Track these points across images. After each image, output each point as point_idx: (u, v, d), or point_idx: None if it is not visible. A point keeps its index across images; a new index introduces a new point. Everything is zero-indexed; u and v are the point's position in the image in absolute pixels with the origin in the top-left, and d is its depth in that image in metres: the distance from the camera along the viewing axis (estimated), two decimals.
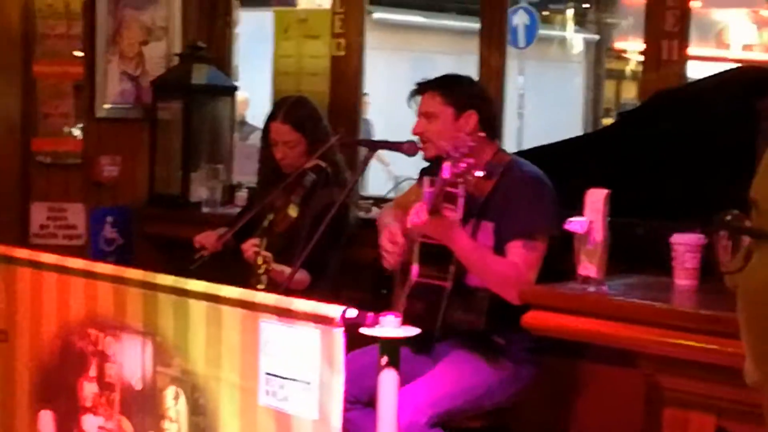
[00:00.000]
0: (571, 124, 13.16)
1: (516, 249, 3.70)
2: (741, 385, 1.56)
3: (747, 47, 14.99)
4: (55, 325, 3.73)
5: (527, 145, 5.33)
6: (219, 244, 4.39)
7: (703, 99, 4.08)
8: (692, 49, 4.44)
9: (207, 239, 4.53)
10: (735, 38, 15.01)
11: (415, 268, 3.77)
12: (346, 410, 3.16)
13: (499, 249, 3.74)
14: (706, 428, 3.16)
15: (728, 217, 3.14)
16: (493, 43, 4.96)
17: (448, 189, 3.45)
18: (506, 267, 3.68)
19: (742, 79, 4.11)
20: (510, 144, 10.99)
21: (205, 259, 4.41)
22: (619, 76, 16.58)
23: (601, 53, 16.57)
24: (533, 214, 3.72)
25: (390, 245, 3.84)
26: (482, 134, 3.83)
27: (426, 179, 3.64)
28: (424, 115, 3.90)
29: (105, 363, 3.58)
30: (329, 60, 5.41)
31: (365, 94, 5.65)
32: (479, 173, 3.42)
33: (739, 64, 11.18)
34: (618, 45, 16.19)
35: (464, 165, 3.34)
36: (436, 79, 3.98)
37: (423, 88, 3.94)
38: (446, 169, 3.36)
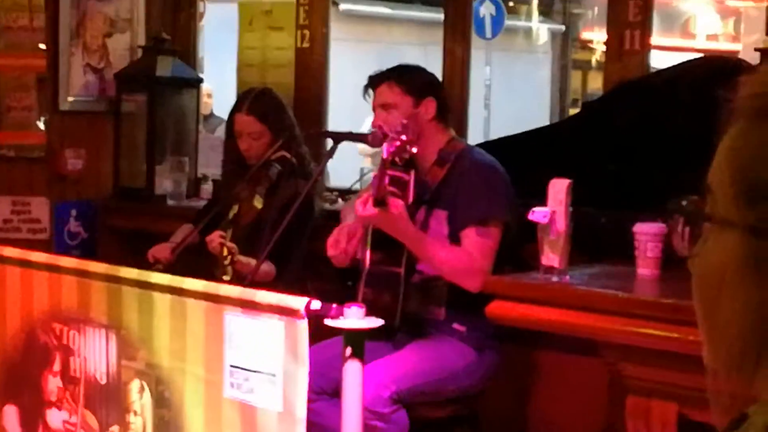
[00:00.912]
0: (539, 115, 13.18)
1: (470, 237, 3.72)
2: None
3: (712, 37, 15.06)
4: (18, 319, 3.72)
5: (494, 135, 5.34)
6: (173, 257, 4.35)
7: (665, 89, 4.10)
8: (658, 39, 4.47)
9: (161, 253, 4.46)
10: (700, 28, 15.08)
11: (367, 254, 3.80)
12: (311, 401, 3.18)
13: (454, 237, 3.76)
14: (668, 416, 3.19)
15: (684, 203, 3.18)
16: (458, 34, 4.97)
17: (398, 174, 3.50)
18: (459, 255, 3.70)
19: (705, 69, 4.14)
20: (477, 135, 11.00)
21: (161, 271, 4.35)
22: (585, 66, 16.62)
23: (567, 44, 16.62)
24: (486, 201, 3.74)
25: (330, 246, 3.84)
26: (437, 121, 3.87)
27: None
28: (381, 107, 3.91)
29: (69, 357, 3.57)
30: (294, 52, 5.40)
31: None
32: (414, 149, 3.50)
33: (703, 54, 11.25)
34: (584, 35, 16.24)
35: (398, 142, 3.42)
36: (390, 70, 3.99)
37: (378, 79, 3.95)
38: (385, 149, 3.44)
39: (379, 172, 3.49)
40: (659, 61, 5.45)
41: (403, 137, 3.47)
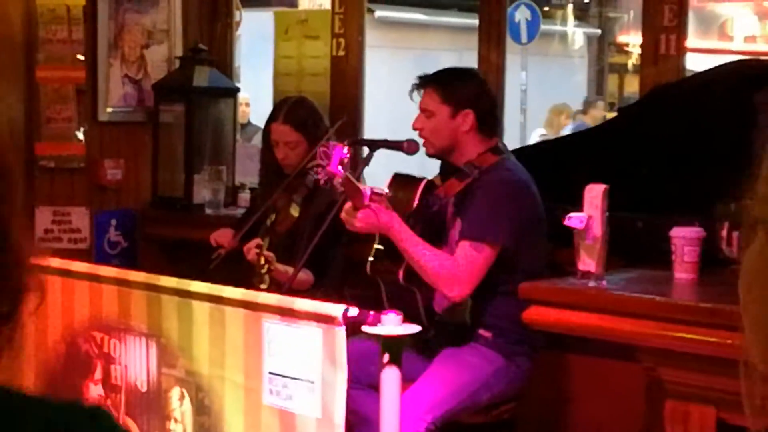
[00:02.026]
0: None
1: (463, 248, 3.69)
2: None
3: (749, 39, 14.95)
4: (60, 328, 3.76)
5: (531, 140, 5.35)
6: (235, 242, 4.38)
7: (701, 93, 4.09)
8: (694, 42, 4.44)
9: (223, 237, 4.52)
10: (738, 30, 14.98)
11: (400, 273, 3.84)
12: (349, 388, 3.18)
13: None
14: (706, 420, 3.18)
15: (732, 206, 3.18)
16: (492, 40, 4.97)
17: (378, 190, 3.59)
18: (444, 262, 3.69)
19: (740, 73, 4.13)
20: (513, 140, 10.98)
21: (222, 256, 4.39)
22: (621, 69, 16.57)
23: (603, 47, 16.58)
24: (486, 219, 3.70)
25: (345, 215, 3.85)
26: (476, 132, 3.87)
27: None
28: (422, 111, 3.92)
29: (110, 365, 3.61)
30: (329, 60, 5.42)
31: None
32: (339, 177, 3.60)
33: (740, 57, 11.17)
34: (620, 39, 16.18)
35: (323, 174, 3.61)
36: (437, 73, 3.97)
37: (423, 83, 3.95)
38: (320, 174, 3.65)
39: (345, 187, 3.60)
40: (696, 64, 5.44)
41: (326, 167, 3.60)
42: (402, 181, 4.03)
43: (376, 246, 3.94)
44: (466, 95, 3.89)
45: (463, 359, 3.79)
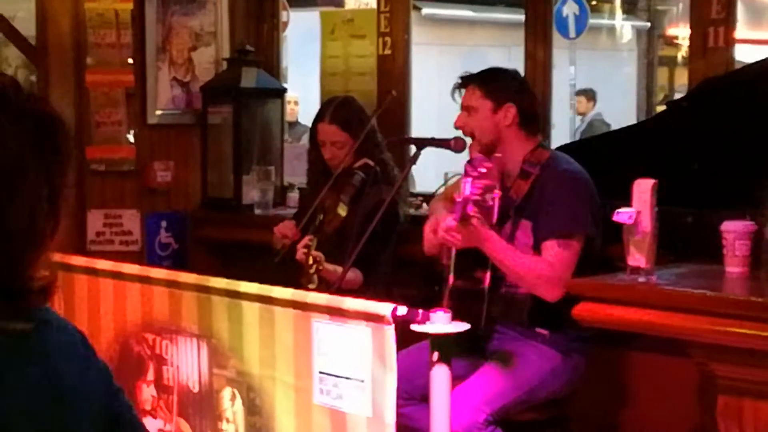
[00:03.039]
0: (625, 113, 13.06)
1: (551, 248, 3.70)
2: None
3: None
4: (112, 330, 3.79)
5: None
6: (298, 232, 4.37)
7: (750, 85, 4.04)
8: (745, 33, 4.41)
9: (287, 228, 4.48)
10: None
11: (451, 277, 3.81)
12: (401, 406, 3.19)
13: (538, 247, 3.75)
14: (760, 415, 3.15)
15: None
16: (539, 36, 4.95)
17: (482, 200, 3.48)
18: (540, 266, 3.69)
19: None
20: (563, 136, 10.91)
21: (287, 248, 4.36)
22: (671, 63, 16.43)
23: (652, 41, 16.45)
24: (569, 213, 3.72)
25: (430, 234, 3.86)
26: (519, 128, 3.86)
27: (463, 181, 3.63)
28: (465, 108, 3.93)
29: (162, 366, 3.63)
30: (376, 59, 5.43)
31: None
32: (496, 195, 3.45)
33: None
34: (670, 32, 16.05)
35: (480, 187, 3.37)
36: (478, 73, 3.99)
37: (465, 81, 3.96)
38: (467, 188, 3.40)
39: (461, 203, 3.46)
40: (747, 55, 5.38)
41: (486, 182, 3.39)
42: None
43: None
44: (507, 89, 3.91)
45: (520, 356, 3.80)
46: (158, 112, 5.60)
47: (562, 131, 11.65)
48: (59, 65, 5.43)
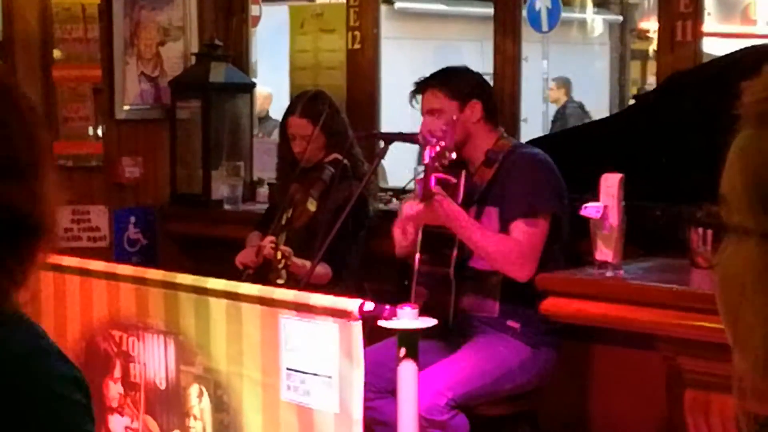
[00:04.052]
0: (598, 107, 13.08)
1: (518, 227, 3.73)
2: None
3: None
4: (79, 327, 3.77)
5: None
6: (260, 259, 4.31)
7: (716, 79, 4.05)
8: (717, 27, 4.42)
9: (247, 257, 4.41)
10: (761, 14, 14.88)
11: (417, 256, 3.82)
12: (370, 400, 3.20)
13: (504, 232, 3.77)
14: (727, 409, 3.15)
15: (699, 213, 3.13)
16: (508, 30, 4.94)
17: (444, 177, 3.55)
18: (508, 244, 3.72)
19: (755, 59, 4.08)
20: (536, 129, 10.91)
21: (251, 275, 4.31)
22: (644, 56, 16.48)
23: (625, 34, 16.48)
24: (533, 194, 3.76)
25: (399, 233, 3.88)
26: (485, 122, 3.88)
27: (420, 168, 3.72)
28: (428, 113, 3.93)
29: (129, 363, 3.62)
30: (345, 54, 5.41)
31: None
32: (453, 155, 3.59)
33: (764, 41, 11.10)
34: (642, 25, 16.08)
35: (438, 148, 3.50)
36: (434, 75, 4.00)
37: (423, 86, 3.97)
38: (426, 155, 3.52)
39: (424, 176, 3.52)
40: (719, 49, 5.39)
41: (442, 143, 3.54)
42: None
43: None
44: (469, 86, 3.94)
45: (489, 348, 3.81)
46: (126, 107, 5.56)
47: (535, 125, 11.66)
48: (26, 60, 5.38)
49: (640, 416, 4.01)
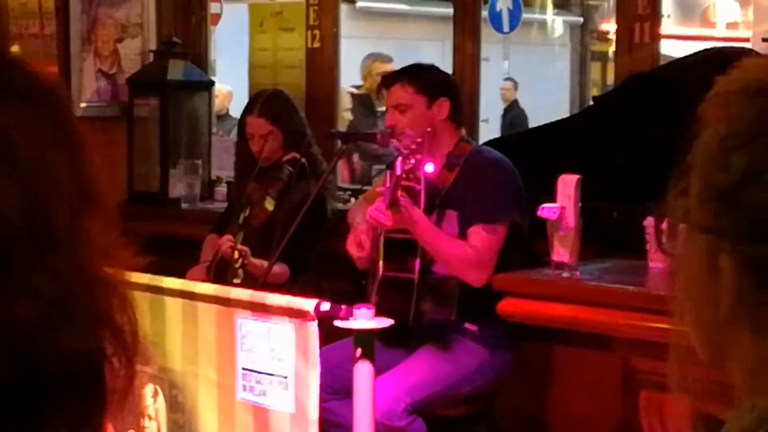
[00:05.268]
0: (559, 108, 13.13)
1: (476, 233, 3.72)
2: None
3: (732, 25, 14.96)
4: None
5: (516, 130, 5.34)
6: (210, 276, 4.27)
7: (673, 82, 4.08)
8: (676, 29, 4.45)
9: (197, 275, 4.32)
10: (720, 17, 14.99)
11: (380, 264, 3.80)
12: (325, 401, 3.18)
13: (463, 236, 3.76)
14: (681, 410, 3.16)
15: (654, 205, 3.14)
16: (467, 30, 4.94)
17: (408, 184, 3.51)
18: (466, 249, 3.70)
19: (711, 61, 4.11)
20: (496, 130, 10.92)
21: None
22: (604, 58, 16.56)
23: (585, 35, 16.55)
24: (493, 199, 3.75)
25: (355, 249, 3.84)
26: (450, 122, 3.87)
27: (387, 174, 3.68)
28: (395, 107, 3.90)
29: None
30: (305, 52, 5.39)
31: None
32: (429, 168, 3.52)
33: (723, 44, 11.17)
34: (603, 27, 16.16)
35: (413, 161, 3.44)
36: (404, 69, 3.98)
37: (391, 79, 3.94)
38: (398, 166, 3.46)
39: (391, 184, 3.49)
40: (679, 51, 5.42)
41: (418, 156, 3.48)
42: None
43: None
44: (439, 84, 3.91)
45: (447, 352, 3.80)
46: (83, 105, 5.52)
47: (495, 125, 11.68)
48: None
49: (596, 416, 4.02)
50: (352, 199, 4.99)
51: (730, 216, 0.94)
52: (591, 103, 10.98)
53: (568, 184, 3.40)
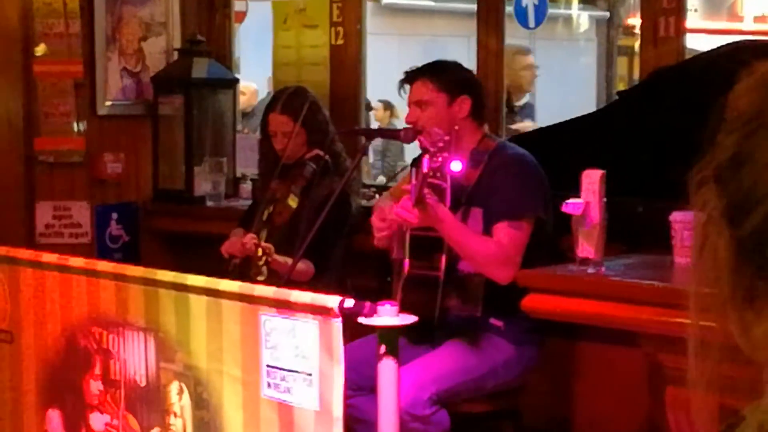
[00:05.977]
0: (585, 103, 13.08)
1: (501, 229, 3.70)
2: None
3: (759, 19, 14.89)
4: (59, 324, 3.74)
5: (542, 125, 5.31)
6: (244, 254, 4.26)
7: (699, 75, 4.05)
8: (703, 23, 4.42)
9: (233, 247, 4.34)
10: (747, 10, 14.92)
11: (406, 261, 3.79)
12: (349, 397, 3.18)
13: (488, 233, 3.75)
14: (708, 406, 3.14)
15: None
16: (491, 25, 4.93)
17: (434, 182, 3.49)
18: (491, 246, 3.69)
19: (738, 54, 4.08)
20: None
21: (238, 266, 4.26)
22: (630, 52, 16.48)
23: (611, 30, 16.49)
24: (518, 195, 3.73)
25: (379, 223, 3.84)
26: (472, 119, 3.85)
27: (412, 171, 3.66)
28: (416, 103, 3.88)
29: (109, 360, 3.59)
30: (328, 49, 5.39)
31: None
32: (456, 167, 3.49)
33: (750, 37, 11.12)
34: (629, 21, 16.10)
35: (440, 159, 3.41)
36: (426, 66, 3.96)
37: (413, 76, 3.92)
38: (425, 164, 3.43)
39: (417, 182, 3.47)
40: (706, 45, 5.39)
41: (445, 154, 3.44)
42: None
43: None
44: (461, 81, 3.89)
45: (473, 346, 3.80)
46: (108, 103, 5.54)
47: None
48: (6, 55, 5.35)
49: (622, 413, 4.01)
50: (377, 196, 4.99)
51: (723, 198, 0.94)
52: (616, 98, 10.94)
53: (592, 179, 3.38)
